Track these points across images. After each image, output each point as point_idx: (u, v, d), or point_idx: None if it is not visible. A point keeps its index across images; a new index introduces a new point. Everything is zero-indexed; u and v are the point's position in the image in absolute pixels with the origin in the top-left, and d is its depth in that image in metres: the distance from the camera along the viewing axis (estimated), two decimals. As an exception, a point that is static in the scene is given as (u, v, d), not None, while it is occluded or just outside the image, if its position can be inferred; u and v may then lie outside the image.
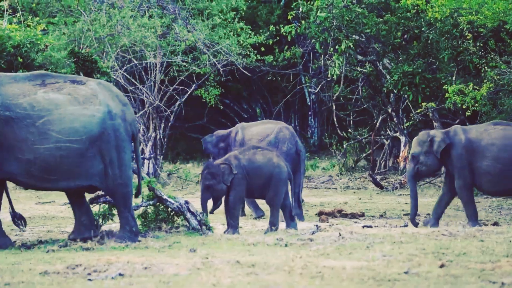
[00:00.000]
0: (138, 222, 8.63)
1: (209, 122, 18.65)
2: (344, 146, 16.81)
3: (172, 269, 6.34)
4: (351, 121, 17.75)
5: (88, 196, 8.37)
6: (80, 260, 6.82)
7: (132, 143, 7.95)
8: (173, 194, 14.42)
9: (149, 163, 15.59)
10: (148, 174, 15.65)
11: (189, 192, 14.89)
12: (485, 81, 13.42)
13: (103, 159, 7.72)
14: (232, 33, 15.51)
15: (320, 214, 11.36)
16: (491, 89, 13.28)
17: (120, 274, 6.14)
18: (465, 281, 5.64)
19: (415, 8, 14.80)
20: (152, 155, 10.00)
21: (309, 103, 19.04)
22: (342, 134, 16.97)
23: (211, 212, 10.54)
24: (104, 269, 6.36)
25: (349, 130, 17.18)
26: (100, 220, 8.46)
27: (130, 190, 7.90)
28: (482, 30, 13.94)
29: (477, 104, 13.22)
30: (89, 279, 6.01)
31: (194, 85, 16.02)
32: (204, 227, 8.62)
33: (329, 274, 6.04)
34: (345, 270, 6.17)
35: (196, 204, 9.45)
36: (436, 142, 9.81)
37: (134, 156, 8.26)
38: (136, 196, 8.24)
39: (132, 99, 15.75)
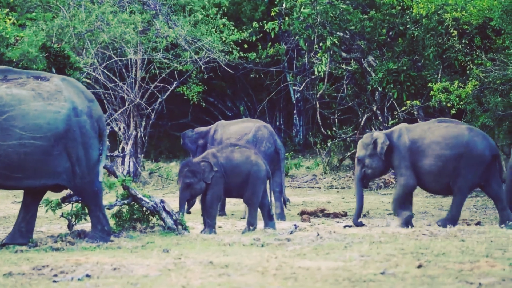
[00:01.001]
0: (112, 221, 8.42)
1: (193, 120, 18.42)
2: (329, 144, 16.62)
3: (142, 270, 6.16)
4: (336, 119, 17.56)
5: (59, 195, 8.15)
6: (48, 260, 6.63)
7: (100, 140, 7.73)
8: (153, 193, 14.30)
9: (129, 162, 15.35)
10: (128, 172, 15.42)
11: (169, 191, 14.71)
12: (470, 78, 13.26)
13: (70, 157, 7.50)
14: (214, 29, 15.28)
15: (302, 213, 11.21)
16: (477, 87, 13.13)
17: (87, 275, 5.96)
18: (442, 282, 5.50)
19: (400, 4, 14.64)
20: (125, 153, 9.76)
21: (294, 101, 18.85)
22: (326, 133, 16.78)
23: (188, 212, 10.33)
24: (71, 270, 6.18)
25: (334, 128, 16.98)
26: (73, 219, 8.25)
27: (100, 188, 7.67)
28: (467, 27, 13.79)
29: (462, 102, 13.06)
30: (54, 281, 5.82)
31: (175, 82, 15.79)
32: (180, 226, 8.42)
33: (303, 275, 5.90)
34: (320, 270, 6.03)
35: (176, 204, 9.27)
36: (379, 144, 9.71)
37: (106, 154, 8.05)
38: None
39: (113, 97, 15.51)
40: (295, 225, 8.95)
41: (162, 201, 8.47)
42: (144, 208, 8.45)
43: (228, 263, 6.36)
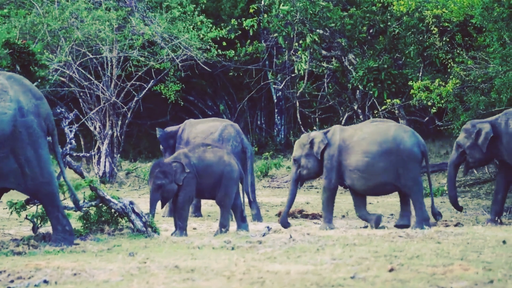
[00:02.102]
0: (79, 224, 8.17)
1: (172, 119, 18.15)
2: (309, 144, 16.36)
3: (104, 275, 5.93)
4: (317, 118, 17.36)
5: (23, 197, 7.88)
6: (7, 265, 6.38)
7: (50, 139, 7.45)
8: (129, 193, 14.03)
9: (105, 162, 15.07)
10: (104, 173, 15.14)
11: (146, 192, 14.43)
12: (451, 77, 13.08)
13: (17, 158, 7.20)
14: (192, 26, 15.00)
15: (280, 214, 10.98)
16: (457, 85, 12.95)
17: (44, 281, 5.73)
18: (412, 286, 5.30)
19: (381, 1, 14.45)
20: (91, 153, 9.49)
21: (275, 100, 18.61)
22: (307, 132, 16.54)
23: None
24: (29, 276, 5.94)
25: (314, 128, 16.74)
26: (38, 221, 7.98)
27: (54, 187, 7.38)
28: (448, 24, 13.62)
29: (442, 101, 12.87)
30: (9, 287, 5.56)
31: (152, 81, 15.50)
32: (149, 229, 8.19)
33: (271, 279, 5.70)
34: (289, 275, 5.83)
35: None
36: (316, 144, 9.57)
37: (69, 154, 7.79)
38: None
39: (88, 95, 15.20)
40: (268, 227, 8.72)
41: (131, 203, 8.24)
42: (113, 210, 8.22)
43: (195, 267, 6.15)
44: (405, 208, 9.56)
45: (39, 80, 8.58)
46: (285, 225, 9.55)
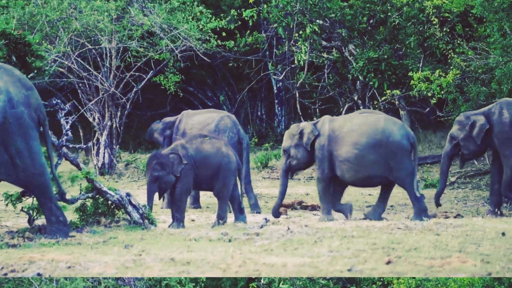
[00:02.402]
0: (75, 216, 8.11)
1: (172, 110, 18.05)
2: (309, 135, 16.27)
3: (98, 268, 5.88)
4: (317, 109, 17.28)
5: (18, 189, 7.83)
6: (1, 258, 6.34)
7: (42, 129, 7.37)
8: (128, 185, 13.97)
9: (104, 153, 15.00)
10: (103, 164, 15.08)
11: (145, 183, 14.32)
12: (451, 67, 12.99)
13: (8, 150, 7.13)
14: (191, 17, 14.88)
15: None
16: (458, 76, 12.85)
17: (38, 274, 5.67)
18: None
19: (381, -9, 14.36)
20: (88, 145, 9.43)
21: (275, 91, 18.52)
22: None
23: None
24: (23, 269, 5.89)
25: (315, 118, 16.66)
26: (34, 213, 7.92)
27: (47, 178, 7.31)
28: (448, 15, 13.51)
29: (442, 92, 12.77)
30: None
31: (151, 71, 15.39)
32: (146, 220, 8.13)
33: (267, 272, 5.66)
34: (286, 267, 5.77)
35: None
36: (305, 135, 9.55)
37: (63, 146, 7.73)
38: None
39: (87, 86, 15.11)
40: (266, 218, 8.67)
41: (128, 194, 8.17)
42: (109, 202, 8.15)
43: (191, 259, 6.10)
44: (381, 204, 9.57)
45: (35, 71, 8.51)
46: (276, 215, 9.58)
